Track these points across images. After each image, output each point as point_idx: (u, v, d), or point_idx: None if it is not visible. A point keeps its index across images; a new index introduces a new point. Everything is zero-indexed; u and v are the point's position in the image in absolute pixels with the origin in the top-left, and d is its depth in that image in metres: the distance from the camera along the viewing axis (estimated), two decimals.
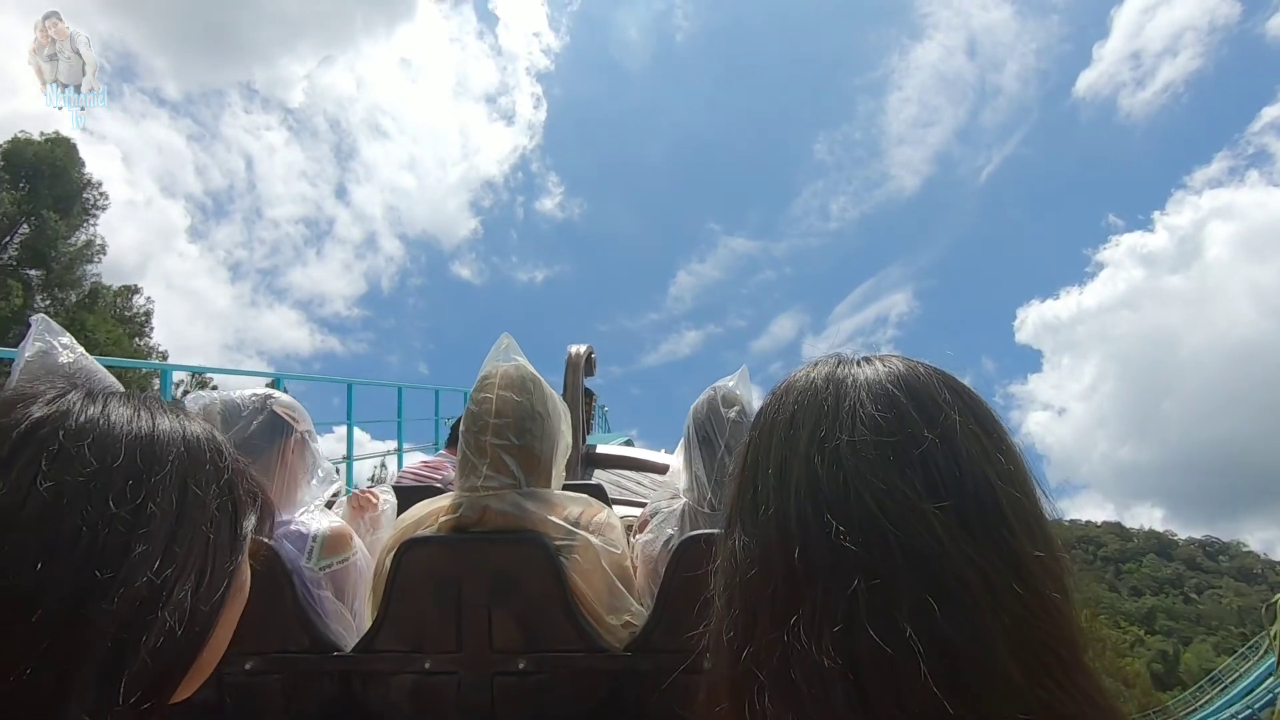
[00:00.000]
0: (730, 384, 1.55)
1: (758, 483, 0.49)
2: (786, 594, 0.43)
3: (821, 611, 0.42)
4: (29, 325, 1.31)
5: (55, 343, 1.36)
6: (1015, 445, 0.49)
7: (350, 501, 1.56)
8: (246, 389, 1.46)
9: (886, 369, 0.50)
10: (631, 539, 1.49)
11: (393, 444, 7.17)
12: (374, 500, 1.65)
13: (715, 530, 1.32)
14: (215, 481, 0.50)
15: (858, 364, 0.52)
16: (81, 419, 0.46)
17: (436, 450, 2.50)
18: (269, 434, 1.41)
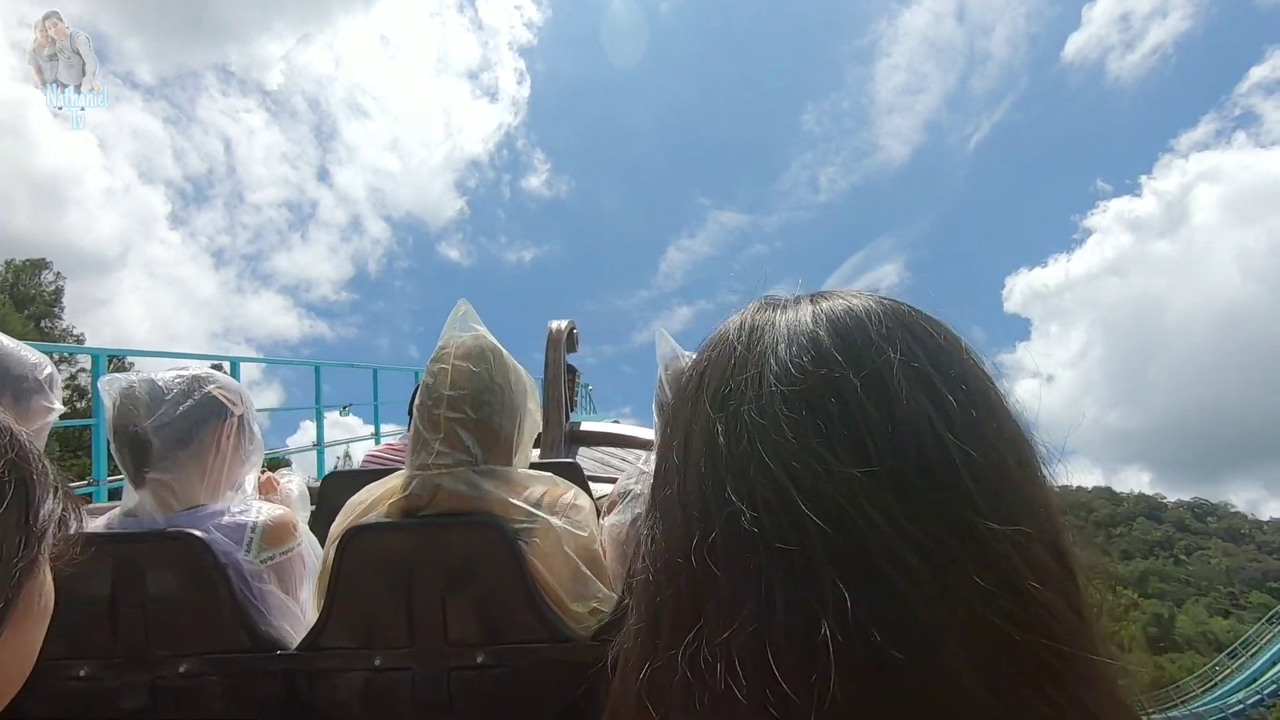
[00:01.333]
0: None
1: (664, 459, 0.39)
2: (689, 595, 0.34)
3: (727, 615, 0.32)
4: None
5: None
6: (991, 391, 0.37)
7: (260, 488, 1.46)
8: (174, 370, 1.34)
9: (815, 308, 0.39)
10: (600, 520, 1.39)
11: (385, 426, 7.06)
12: (276, 485, 1.55)
13: None
14: None
15: (785, 306, 0.40)
16: None
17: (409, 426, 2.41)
18: (202, 417, 1.29)
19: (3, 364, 1.28)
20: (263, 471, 1.51)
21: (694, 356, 1.32)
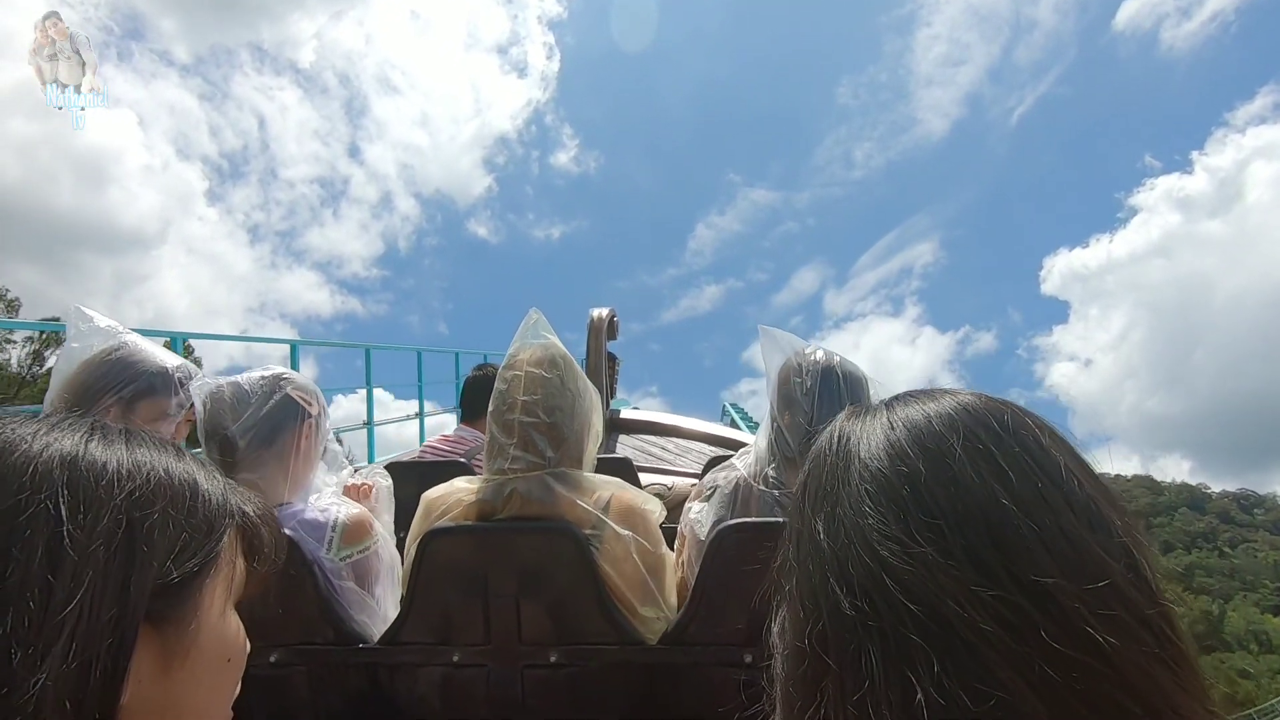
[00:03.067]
0: (815, 353, 1.35)
1: (785, 560, 0.45)
2: (811, 677, 0.39)
3: (839, 691, 0.37)
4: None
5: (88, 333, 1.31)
6: (1061, 461, 0.40)
7: (346, 493, 1.51)
8: (255, 370, 1.39)
9: (891, 413, 0.45)
10: (686, 506, 1.42)
11: (414, 405, 7.18)
12: (369, 491, 1.59)
13: (751, 519, 1.23)
14: (121, 526, 0.40)
15: (868, 413, 0.47)
16: None
17: (458, 410, 2.47)
18: (282, 419, 1.34)
19: (120, 366, 1.33)
20: (353, 470, 1.55)
21: (803, 353, 1.29)
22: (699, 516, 1.34)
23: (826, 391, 1.29)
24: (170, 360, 1.40)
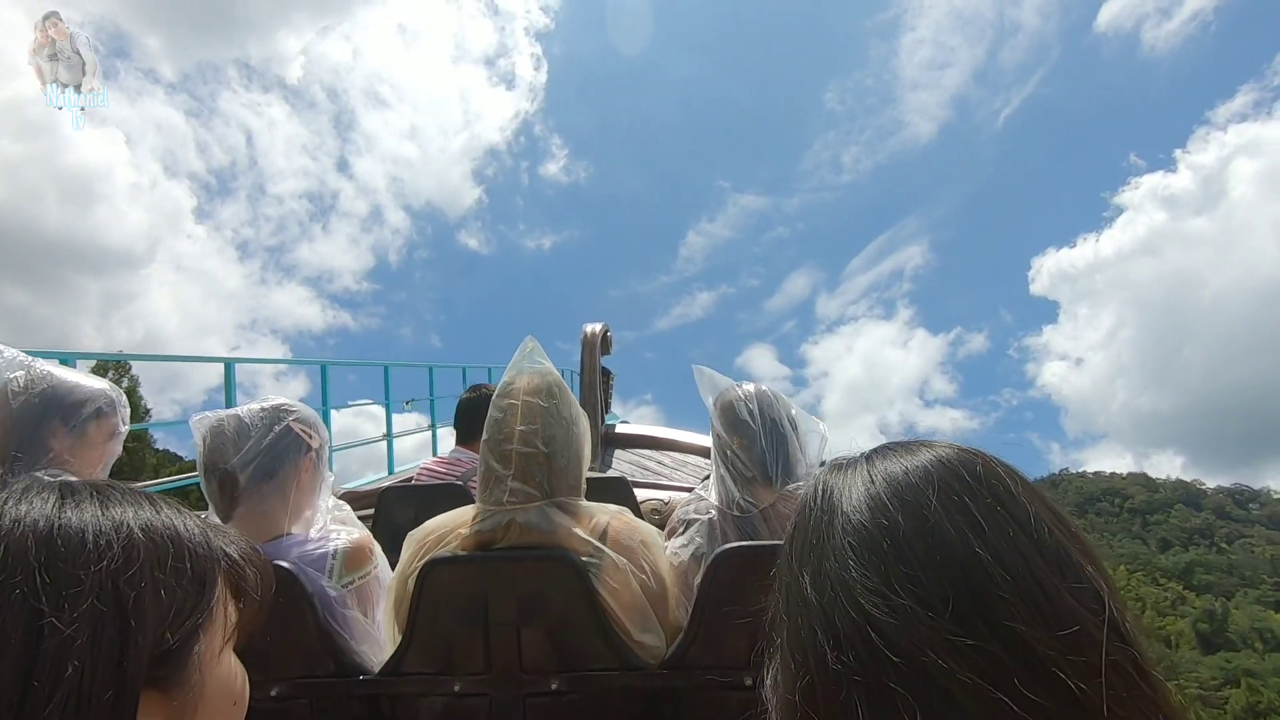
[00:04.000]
0: (747, 385, 1.49)
1: (775, 616, 0.47)
2: None
3: None
4: None
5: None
6: (1031, 507, 0.42)
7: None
8: (256, 402, 1.40)
9: (871, 466, 0.47)
10: (663, 546, 1.44)
11: (411, 420, 7.24)
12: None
13: (747, 542, 1.25)
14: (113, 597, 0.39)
15: (850, 466, 0.48)
16: None
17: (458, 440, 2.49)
18: (285, 452, 1.35)
19: (59, 394, 1.34)
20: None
21: (736, 386, 1.38)
22: (678, 551, 1.37)
23: (767, 413, 1.42)
24: (99, 382, 1.45)
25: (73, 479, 0.47)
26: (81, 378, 1.44)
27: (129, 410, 1.51)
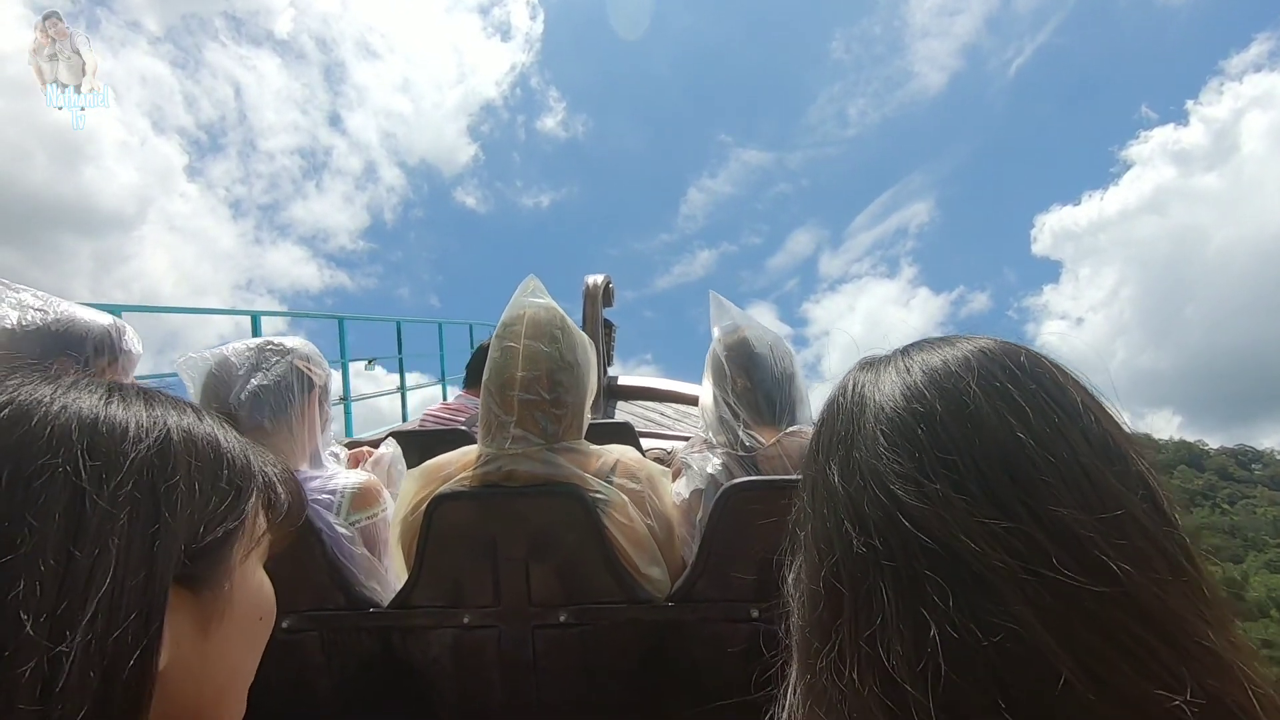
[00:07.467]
0: (754, 326, 1.47)
1: (800, 509, 0.46)
2: (826, 618, 0.40)
3: (852, 629, 0.38)
4: None
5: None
6: (1076, 397, 0.41)
7: (349, 461, 1.52)
8: (257, 339, 1.38)
9: (906, 358, 0.45)
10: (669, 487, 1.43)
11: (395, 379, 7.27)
12: (367, 453, 1.60)
13: (756, 477, 1.24)
14: (146, 485, 0.39)
15: (883, 361, 0.47)
16: None
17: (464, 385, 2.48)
18: (290, 390, 1.34)
19: (78, 321, 1.31)
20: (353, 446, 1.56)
21: (753, 323, 1.37)
22: (681, 490, 1.36)
23: (778, 354, 1.41)
24: (105, 318, 1.39)
25: (123, 381, 0.46)
26: (90, 313, 1.40)
27: (140, 343, 1.45)
